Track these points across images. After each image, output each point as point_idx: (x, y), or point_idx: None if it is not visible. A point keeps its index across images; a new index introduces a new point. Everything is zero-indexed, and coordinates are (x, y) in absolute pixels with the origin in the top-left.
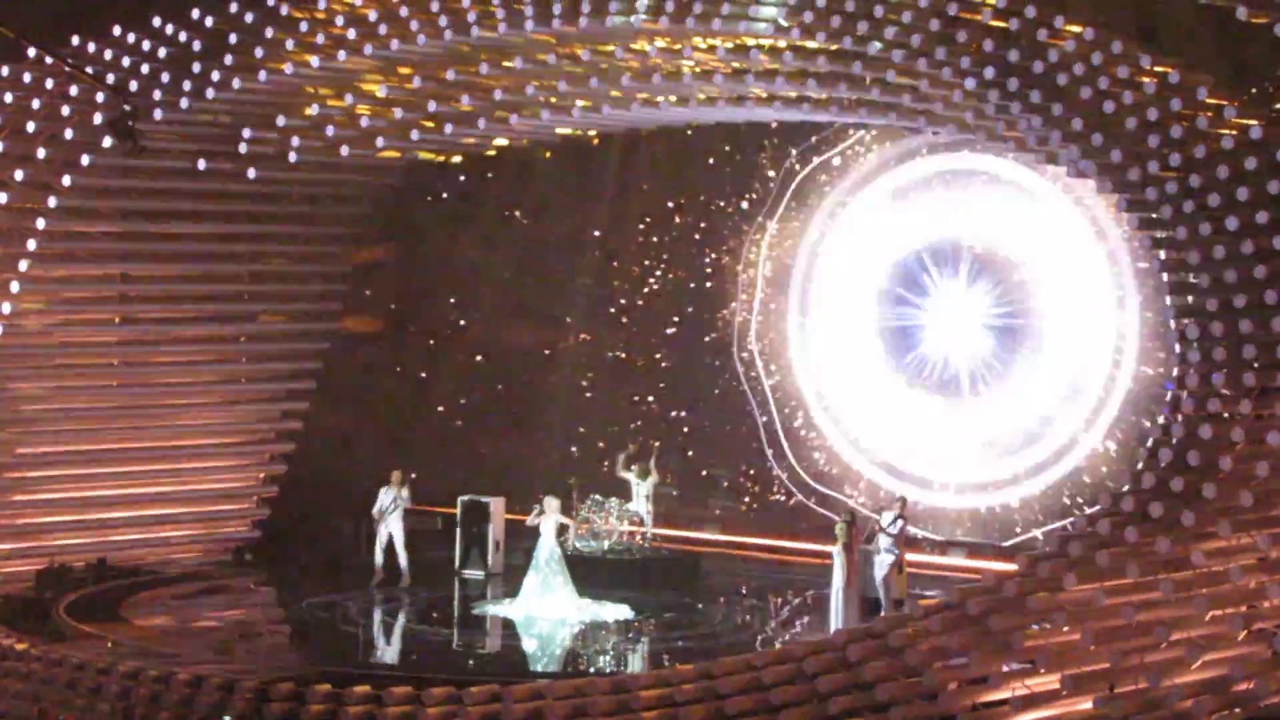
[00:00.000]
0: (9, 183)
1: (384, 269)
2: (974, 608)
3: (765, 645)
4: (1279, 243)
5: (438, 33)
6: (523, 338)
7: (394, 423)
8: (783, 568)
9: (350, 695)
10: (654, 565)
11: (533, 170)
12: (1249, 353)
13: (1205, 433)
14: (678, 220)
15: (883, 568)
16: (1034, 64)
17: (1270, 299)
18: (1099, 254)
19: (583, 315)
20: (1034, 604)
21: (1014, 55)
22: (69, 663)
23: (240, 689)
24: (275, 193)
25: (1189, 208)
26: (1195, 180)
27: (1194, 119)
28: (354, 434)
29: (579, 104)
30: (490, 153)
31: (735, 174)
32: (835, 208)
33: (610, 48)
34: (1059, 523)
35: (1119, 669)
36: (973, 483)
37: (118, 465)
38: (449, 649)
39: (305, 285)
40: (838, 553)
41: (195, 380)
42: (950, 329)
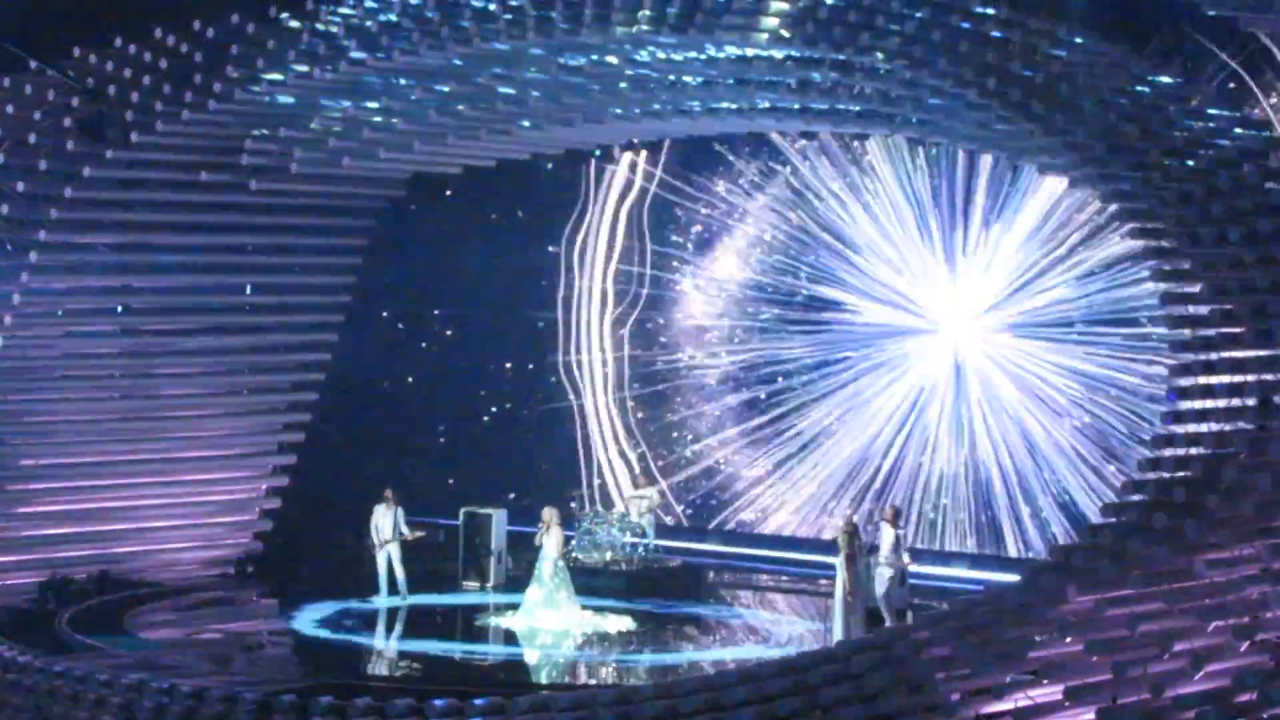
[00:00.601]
0: (11, 194)
1: (385, 281)
2: (976, 619)
3: (768, 656)
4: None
5: (440, 44)
6: (522, 347)
7: (396, 435)
8: (784, 577)
9: (353, 708)
10: (656, 576)
11: (533, 181)
12: (1250, 363)
13: (1207, 444)
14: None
15: (884, 579)
16: (1035, 74)
17: (1272, 308)
18: None
19: (583, 330)
20: (1036, 615)
21: (1015, 66)
22: (71, 675)
23: (242, 702)
24: (277, 205)
25: (1190, 216)
26: (1196, 189)
27: (1194, 128)
28: (356, 446)
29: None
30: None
31: None
32: None
33: (613, 59)
34: None
35: (1121, 680)
36: None
37: (119, 477)
38: (451, 661)
39: (307, 297)
40: (840, 564)
41: (197, 392)
42: None
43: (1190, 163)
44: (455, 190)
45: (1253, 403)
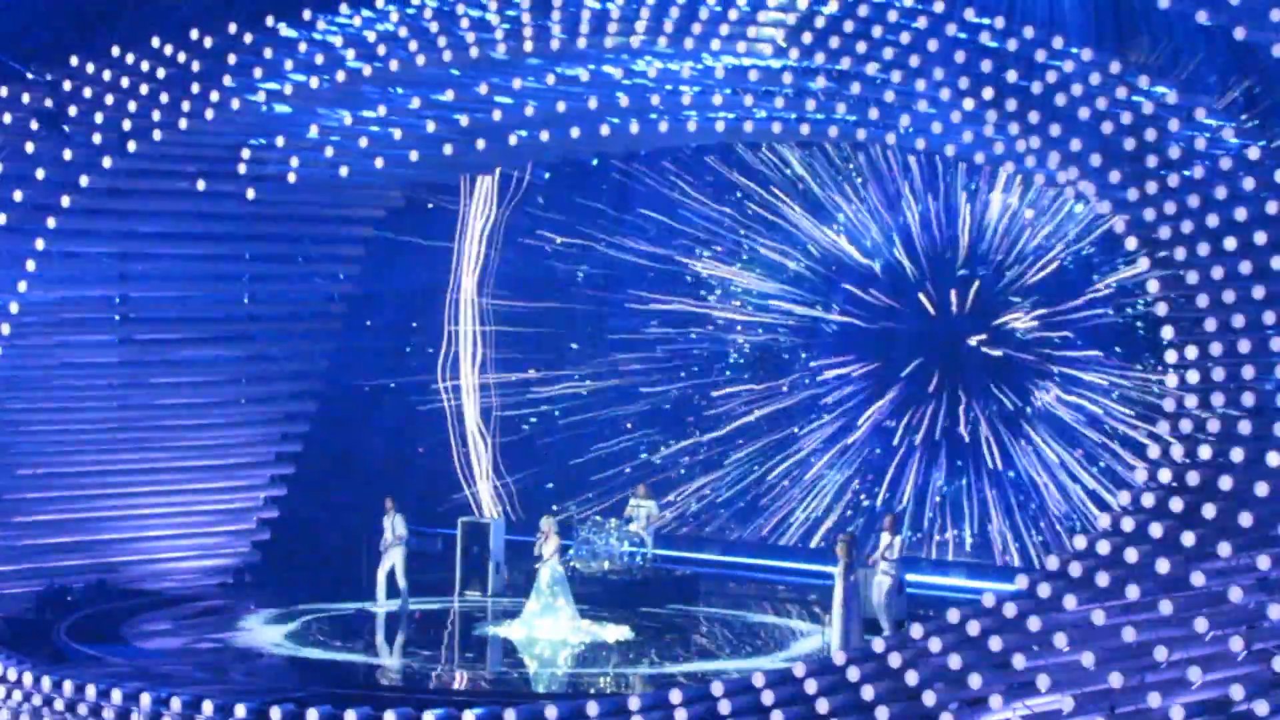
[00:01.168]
0: (8, 203)
1: (383, 289)
2: (974, 629)
3: (765, 665)
4: (1277, 263)
5: (437, 54)
6: (520, 358)
7: (394, 445)
8: (785, 587)
9: (350, 717)
10: (654, 584)
11: (531, 191)
12: (1248, 373)
13: (1205, 453)
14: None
15: (882, 588)
16: (1032, 85)
17: (1268, 319)
18: None
19: (582, 340)
20: (1034, 625)
21: (1012, 76)
22: (69, 684)
23: (239, 710)
24: (275, 213)
25: (1187, 228)
26: (1193, 201)
27: (1192, 140)
28: (354, 456)
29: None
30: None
31: None
32: None
33: (610, 68)
34: None
35: (1119, 689)
36: None
37: (117, 487)
38: (450, 671)
39: (304, 306)
40: (838, 574)
41: (194, 402)
42: None
43: (1188, 174)
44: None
45: (1251, 413)
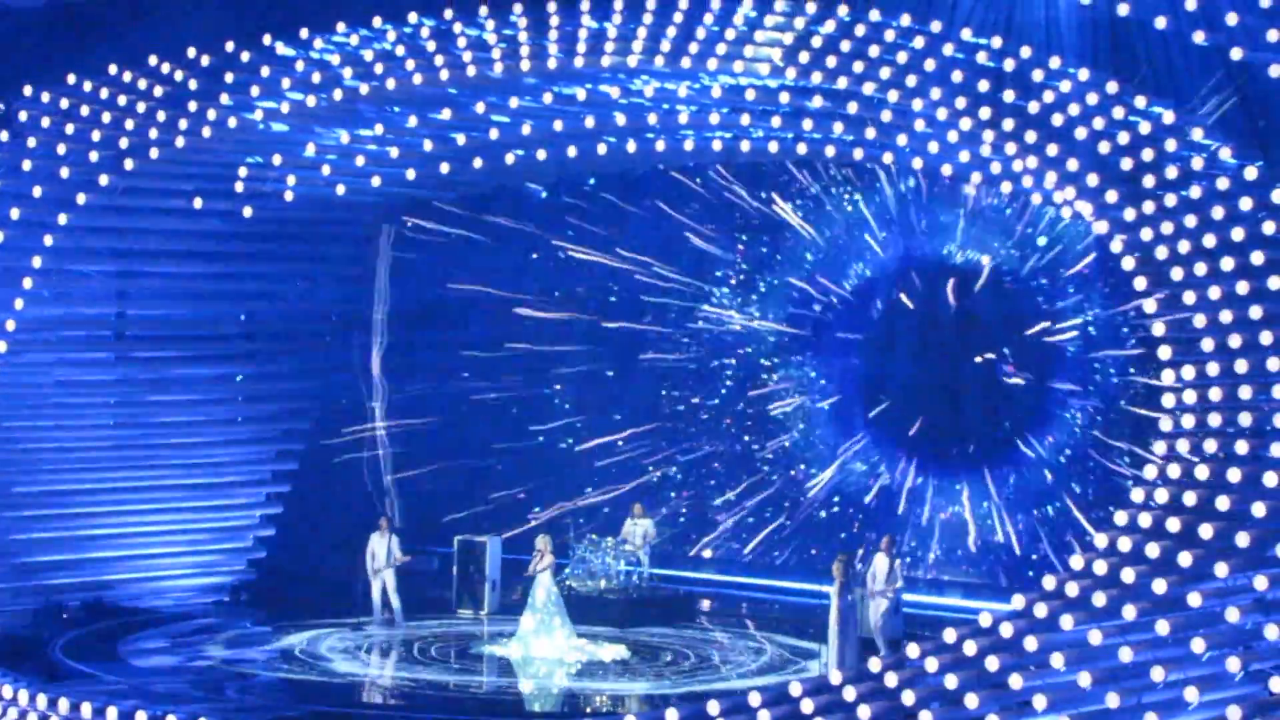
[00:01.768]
0: (5, 220)
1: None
2: (971, 648)
3: (761, 685)
4: (1274, 283)
5: (434, 73)
6: (519, 374)
7: (392, 461)
8: (779, 606)
9: None
10: (651, 604)
11: (528, 207)
12: (1245, 393)
13: (1202, 473)
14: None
15: (878, 609)
16: (1029, 104)
17: (1266, 339)
18: None
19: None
20: (1031, 644)
21: (1009, 95)
22: (64, 702)
23: None
24: (271, 231)
25: (1184, 248)
26: (1190, 221)
27: (1189, 160)
28: (350, 475)
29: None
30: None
31: None
32: None
33: (606, 87)
34: None
35: (1116, 709)
36: None
37: (114, 504)
38: (445, 689)
39: (301, 324)
40: (834, 593)
41: (191, 419)
42: None
43: (1185, 194)
44: (453, 214)
45: (1248, 433)
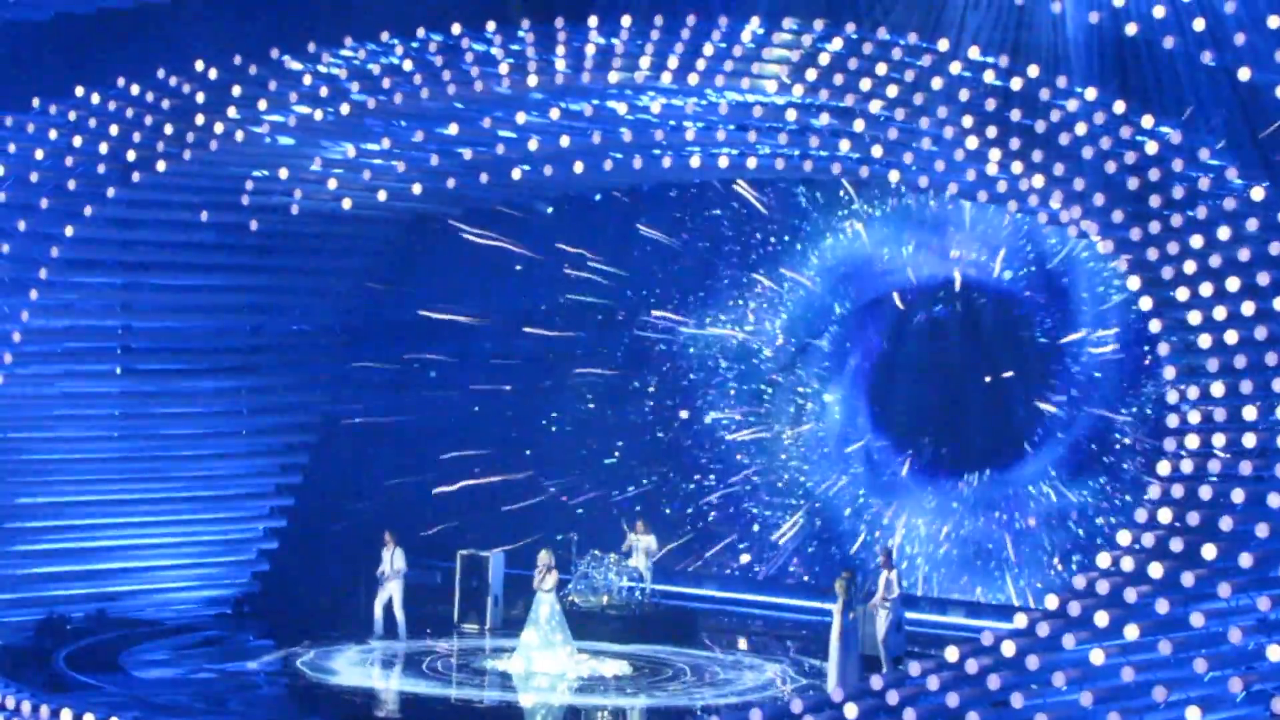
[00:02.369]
0: (12, 232)
1: (384, 319)
2: (973, 667)
3: (762, 701)
4: (1279, 304)
5: (441, 87)
6: (523, 389)
7: (394, 476)
8: (783, 623)
9: None
10: (653, 620)
11: (531, 223)
12: (1250, 414)
13: (1205, 493)
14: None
15: (882, 625)
16: (1036, 123)
17: (1271, 360)
18: None
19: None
20: (1033, 663)
21: (1016, 114)
22: (67, 713)
23: None
24: (277, 245)
25: (1190, 268)
26: (1196, 241)
27: (1196, 180)
28: (354, 487)
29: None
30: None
31: None
32: None
33: (614, 103)
34: None
35: None
36: None
37: (118, 516)
38: (447, 704)
39: (306, 338)
40: (836, 611)
41: (196, 432)
42: None
43: (1191, 214)
44: (451, 232)
45: (1252, 454)
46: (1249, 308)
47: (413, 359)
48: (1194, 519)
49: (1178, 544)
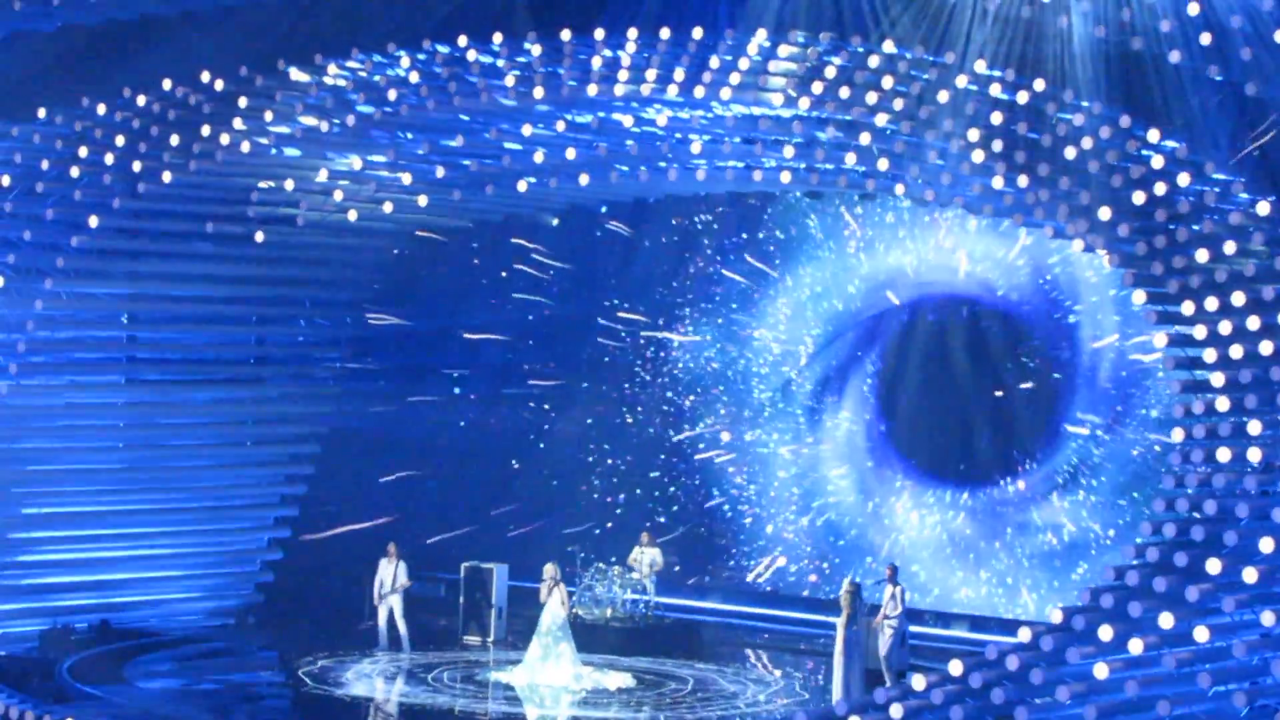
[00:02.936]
0: (18, 242)
1: (389, 332)
2: (977, 681)
3: (766, 715)
4: None
5: (447, 99)
6: (525, 403)
7: (398, 488)
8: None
9: None
10: (657, 633)
11: (536, 238)
12: (1254, 428)
13: (1210, 507)
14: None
15: (887, 639)
16: (1042, 137)
17: (1275, 375)
18: None
19: (589, 383)
20: (1037, 677)
21: (1022, 128)
22: None
23: None
24: (282, 256)
25: (1195, 283)
26: (1202, 256)
27: (1202, 195)
28: (358, 499)
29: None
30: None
31: None
32: None
33: (619, 116)
34: None
35: None
36: None
37: (122, 527)
38: (451, 716)
39: (311, 349)
40: (840, 623)
41: (200, 443)
42: None
43: (1197, 228)
44: (460, 244)
45: (1256, 468)
46: (1254, 322)
47: (424, 368)
48: (1198, 533)
49: (1182, 558)
